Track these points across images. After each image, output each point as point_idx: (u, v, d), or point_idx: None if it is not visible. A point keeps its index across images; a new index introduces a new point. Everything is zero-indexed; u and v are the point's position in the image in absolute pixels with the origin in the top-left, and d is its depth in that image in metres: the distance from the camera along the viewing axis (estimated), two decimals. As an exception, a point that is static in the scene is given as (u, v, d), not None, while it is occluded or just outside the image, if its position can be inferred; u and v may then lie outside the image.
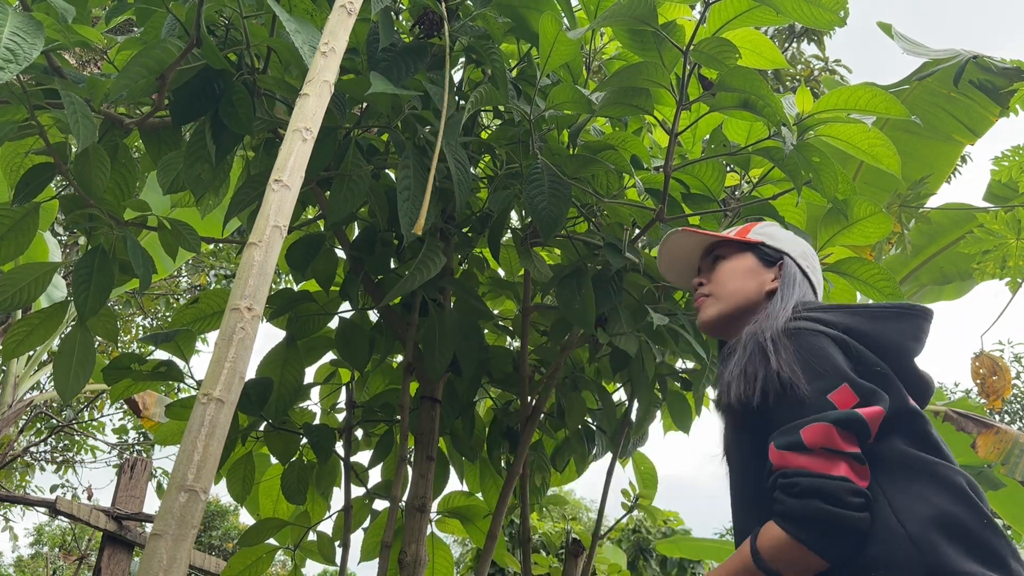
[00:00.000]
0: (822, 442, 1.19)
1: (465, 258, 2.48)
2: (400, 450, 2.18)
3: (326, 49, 1.33)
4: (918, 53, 4.81)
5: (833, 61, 7.77)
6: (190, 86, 1.78)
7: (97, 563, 5.38)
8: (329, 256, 2.27)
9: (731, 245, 1.55)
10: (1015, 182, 3.53)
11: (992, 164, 3.50)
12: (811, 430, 1.20)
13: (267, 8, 1.72)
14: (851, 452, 1.19)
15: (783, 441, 1.22)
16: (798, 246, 1.53)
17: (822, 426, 1.20)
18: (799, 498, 1.18)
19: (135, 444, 9.69)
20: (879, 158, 1.98)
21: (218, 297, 2.33)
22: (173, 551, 0.94)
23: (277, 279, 7.02)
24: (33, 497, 6.67)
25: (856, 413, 1.21)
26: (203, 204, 2.19)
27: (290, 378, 2.30)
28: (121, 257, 1.98)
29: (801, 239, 1.57)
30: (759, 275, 1.49)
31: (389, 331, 2.34)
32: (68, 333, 1.99)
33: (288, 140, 1.23)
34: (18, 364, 7.33)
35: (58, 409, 9.01)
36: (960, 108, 4.94)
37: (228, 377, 1.04)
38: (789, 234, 1.57)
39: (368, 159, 2.03)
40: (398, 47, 1.83)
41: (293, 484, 2.44)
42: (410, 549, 2.11)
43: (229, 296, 1.11)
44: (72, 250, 8.19)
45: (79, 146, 1.59)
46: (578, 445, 2.63)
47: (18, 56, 1.40)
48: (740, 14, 1.82)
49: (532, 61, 2.13)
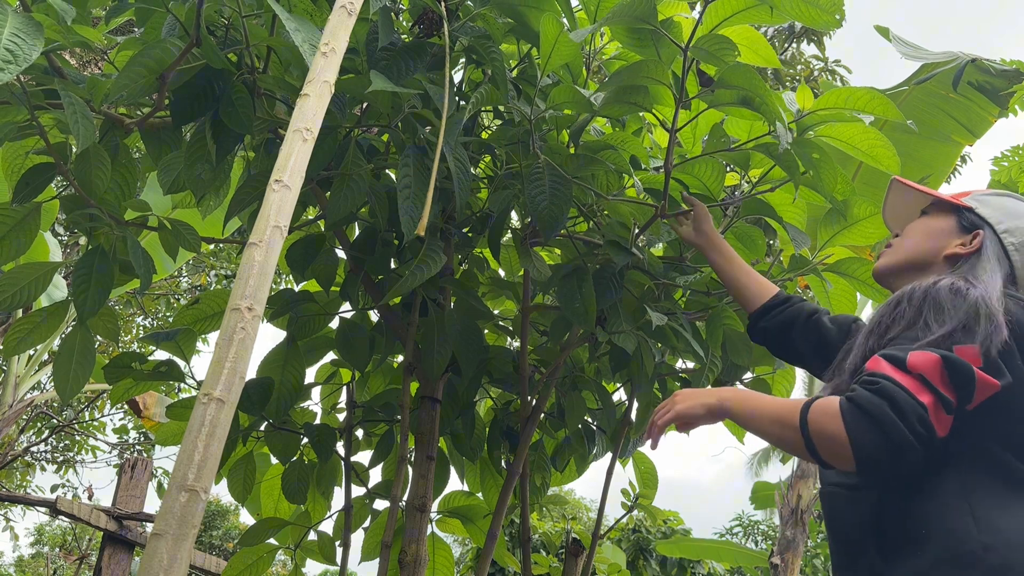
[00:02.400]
0: (923, 369, 1.15)
1: (465, 258, 2.48)
2: (400, 450, 2.19)
3: (326, 49, 1.33)
4: (916, 57, 4.81)
5: (833, 61, 7.77)
6: (190, 86, 1.78)
7: (98, 563, 5.38)
8: (329, 256, 2.27)
9: (941, 205, 1.50)
10: (1015, 182, 3.53)
11: (992, 164, 3.51)
12: (919, 356, 1.17)
13: (267, 8, 1.72)
14: (944, 394, 1.15)
15: (888, 353, 1.20)
16: (1011, 220, 1.41)
17: (931, 356, 1.16)
18: (873, 393, 1.15)
19: (135, 444, 9.70)
20: (878, 159, 1.98)
21: (219, 297, 2.33)
22: (174, 551, 0.94)
23: (277, 279, 7.02)
24: (34, 497, 6.68)
25: (970, 365, 1.16)
26: (204, 204, 2.19)
27: (290, 378, 2.30)
28: (121, 257, 1.98)
29: (1021, 214, 1.43)
30: (946, 238, 1.44)
31: (389, 331, 2.34)
32: (68, 333, 1.99)
33: (288, 140, 1.23)
34: (18, 364, 7.33)
35: (58, 409, 9.02)
36: (959, 109, 4.94)
37: (229, 377, 1.04)
38: (1009, 204, 1.44)
39: (368, 159, 2.03)
40: (397, 47, 1.83)
41: (294, 484, 2.44)
42: (410, 549, 2.11)
43: (229, 296, 1.11)
44: (72, 250, 8.19)
45: (79, 146, 1.59)
46: (578, 445, 2.63)
47: (18, 57, 1.40)
48: (737, 12, 1.82)
49: (532, 61, 2.13)
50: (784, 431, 1.23)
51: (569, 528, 8.74)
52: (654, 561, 10.48)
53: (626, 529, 10.52)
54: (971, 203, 1.46)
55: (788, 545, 6.81)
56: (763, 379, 2.49)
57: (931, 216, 1.50)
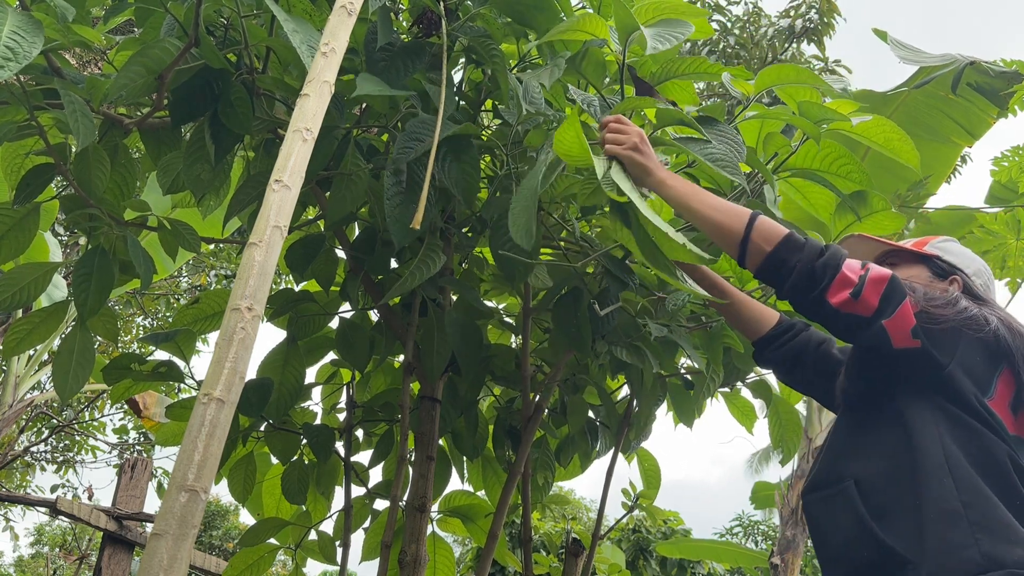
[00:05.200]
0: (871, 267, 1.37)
1: (465, 258, 2.48)
2: (400, 450, 2.19)
3: (326, 49, 1.33)
4: (914, 61, 4.81)
5: (833, 61, 7.77)
6: (189, 86, 1.78)
7: (97, 563, 5.38)
8: (329, 256, 2.27)
9: (905, 255, 1.60)
10: (1015, 183, 3.53)
11: (992, 165, 3.51)
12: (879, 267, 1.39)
13: (266, 8, 1.72)
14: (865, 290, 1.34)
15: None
16: (973, 263, 1.57)
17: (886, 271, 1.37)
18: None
19: (135, 444, 9.70)
20: (896, 151, 1.95)
21: (219, 297, 2.33)
22: (173, 551, 0.94)
23: (277, 279, 7.03)
24: (33, 497, 6.68)
25: (904, 293, 1.35)
26: (204, 204, 2.19)
27: (291, 378, 2.30)
28: (121, 257, 1.98)
29: (977, 257, 1.61)
30: (931, 286, 1.52)
31: (389, 331, 2.34)
32: (68, 333, 1.99)
33: (288, 140, 1.23)
34: (18, 364, 7.34)
35: (58, 409, 9.02)
36: (958, 110, 4.94)
37: (229, 377, 1.04)
38: (965, 251, 1.60)
39: (368, 159, 2.03)
40: (396, 46, 1.83)
41: (294, 484, 2.44)
42: (410, 549, 2.11)
43: (229, 296, 1.11)
44: (72, 250, 8.19)
45: (79, 146, 1.59)
46: (581, 442, 2.62)
47: (17, 55, 1.40)
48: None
49: (532, 62, 2.13)
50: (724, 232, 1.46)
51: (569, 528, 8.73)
52: (654, 561, 10.48)
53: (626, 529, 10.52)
54: (934, 251, 1.58)
55: (788, 545, 6.81)
56: (764, 380, 2.49)
57: (901, 267, 1.59)
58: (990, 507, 1.24)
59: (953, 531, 1.22)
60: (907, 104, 4.94)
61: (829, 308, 1.36)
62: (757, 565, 7.94)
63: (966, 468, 1.28)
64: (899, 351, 1.35)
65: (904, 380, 1.40)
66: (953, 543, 1.21)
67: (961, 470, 1.28)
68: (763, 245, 1.43)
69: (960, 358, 1.36)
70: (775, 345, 1.75)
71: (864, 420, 1.46)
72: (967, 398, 1.35)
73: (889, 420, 1.40)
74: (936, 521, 1.24)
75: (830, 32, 7.70)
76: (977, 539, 1.20)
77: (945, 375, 1.35)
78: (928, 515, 1.25)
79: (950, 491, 1.25)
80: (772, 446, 2.65)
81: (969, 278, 1.53)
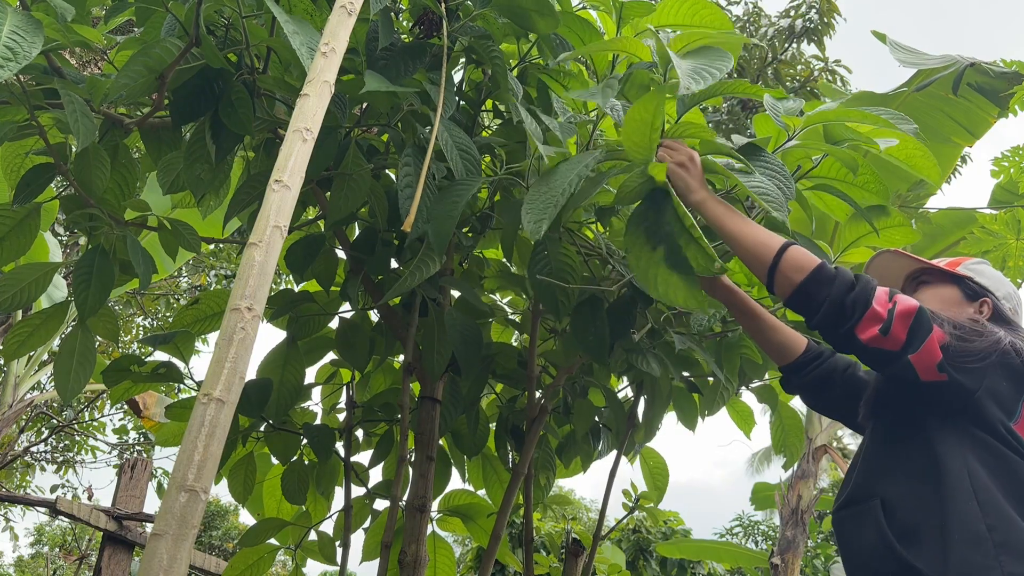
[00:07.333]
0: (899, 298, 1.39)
1: (465, 258, 2.48)
2: (400, 450, 2.19)
3: (326, 49, 1.33)
4: (913, 63, 4.81)
5: (833, 62, 7.76)
6: (190, 86, 1.78)
7: (97, 563, 5.38)
8: (329, 256, 2.27)
9: (938, 273, 1.61)
10: (1015, 183, 3.53)
11: (992, 165, 3.50)
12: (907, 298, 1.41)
13: (266, 8, 1.72)
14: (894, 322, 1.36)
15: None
16: (1004, 287, 1.59)
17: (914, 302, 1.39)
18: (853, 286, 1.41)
19: (135, 444, 9.69)
20: (918, 167, 1.94)
21: (218, 298, 2.33)
22: (173, 551, 0.94)
23: (277, 279, 7.02)
24: (33, 497, 6.68)
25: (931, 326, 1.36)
26: (204, 204, 2.19)
27: (290, 378, 2.30)
28: (121, 257, 1.98)
29: (1007, 280, 1.63)
30: (961, 307, 1.54)
31: (389, 331, 2.34)
32: (68, 333, 1.99)
33: (288, 140, 1.23)
34: (19, 364, 7.33)
35: (58, 409, 9.02)
36: (958, 110, 4.94)
37: (228, 377, 1.04)
38: (997, 274, 1.62)
39: (368, 159, 2.03)
40: (397, 47, 1.83)
41: (294, 484, 2.44)
42: (410, 549, 2.11)
43: (229, 296, 1.11)
44: (72, 250, 8.18)
45: (79, 146, 1.59)
46: (584, 443, 2.62)
47: (17, 54, 1.40)
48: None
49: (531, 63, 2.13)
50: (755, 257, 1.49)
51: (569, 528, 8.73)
52: (654, 561, 10.47)
53: (626, 529, 10.51)
54: (967, 273, 1.59)
55: (788, 545, 6.80)
56: (770, 385, 2.48)
57: (934, 286, 1.61)
58: (1014, 529, 1.25)
59: (976, 553, 1.23)
60: (907, 104, 4.93)
61: (858, 343, 1.38)
62: (757, 565, 7.94)
63: (991, 491, 1.29)
64: (926, 383, 1.37)
65: (931, 407, 1.41)
66: (976, 564, 1.23)
67: (986, 493, 1.29)
68: (792, 275, 1.44)
69: (987, 385, 1.38)
70: (804, 372, 1.75)
71: (893, 441, 1.47)
72: (993, 424, 1.37)
73: (917, 443, 1.41)
74: (960, 543, 1.25)
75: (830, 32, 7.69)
76: (1001, 561, 1.22)
77: (972, 401, 1.37)
78: (952, 537, 1.26)
79: (975, 514, 1.26)
80: (775, 451, 2.65)
81: (999, 301, 1.55)
